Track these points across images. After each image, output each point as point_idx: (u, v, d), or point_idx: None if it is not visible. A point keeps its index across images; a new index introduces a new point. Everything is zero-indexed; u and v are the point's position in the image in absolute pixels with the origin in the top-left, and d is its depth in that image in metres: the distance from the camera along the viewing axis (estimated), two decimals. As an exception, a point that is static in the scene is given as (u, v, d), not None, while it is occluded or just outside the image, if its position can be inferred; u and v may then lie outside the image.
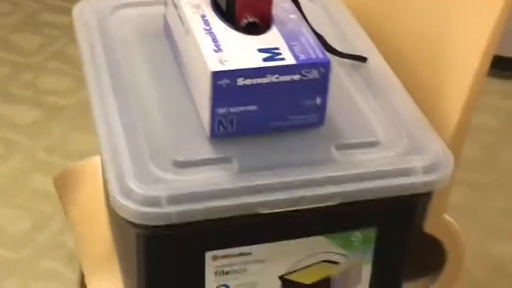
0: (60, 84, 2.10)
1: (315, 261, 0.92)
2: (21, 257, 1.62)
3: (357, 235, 0.91)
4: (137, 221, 0.81)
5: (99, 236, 1.15)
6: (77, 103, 2.03)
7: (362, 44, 1.05)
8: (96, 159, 1.22)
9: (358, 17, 1.11)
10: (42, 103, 2.03)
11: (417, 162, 0.87)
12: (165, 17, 1.03)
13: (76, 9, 1.07)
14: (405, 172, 0.87)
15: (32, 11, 2.39)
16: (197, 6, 0.93)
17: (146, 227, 0.82)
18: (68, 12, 2.32)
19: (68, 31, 2.28)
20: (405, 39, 1.09)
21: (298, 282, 0.93)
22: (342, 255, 0.92)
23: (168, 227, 0.82)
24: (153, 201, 0.80)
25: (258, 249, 0.89)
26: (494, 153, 1.92)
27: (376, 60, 1.03)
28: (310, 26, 0.97)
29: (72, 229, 1.19)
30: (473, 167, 1.87)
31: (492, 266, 1.62)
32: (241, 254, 0.89)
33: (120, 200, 0.81)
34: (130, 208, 0.80)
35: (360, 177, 0.85)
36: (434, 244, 1.06)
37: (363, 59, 1.01)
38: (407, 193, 0.87)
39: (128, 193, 0.81)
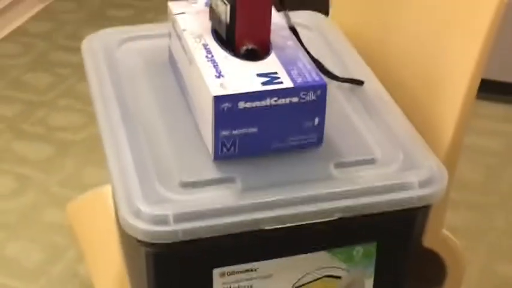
0: (71, 121, 2.15)
1: (318, 276, 0.95)
2: (36, 289, 1.66)
3: (358, 250, 0.95)
4: (146, 240, 0.85)
5: (112, 261, 1.19)
6: (88, 138, 2.08)
7: (359, 69, 1.10)
8: (107, 188, 1.26)
9: (355, 43, 1.16)
10: (54, 139, 2.08)
11: (413, 177, 0.91)
12: (169, 49, 1.08)
13: (85, 43, 1.13)
14: (402, 187, 0.91)
15: (42, 51, 2.45)
16: (199, 36, 0.98)
17: (155, 245, 0.86)
18: (78, 51, 2.38)
19: (78, 69, 2.34)
20: (399, 64, 1.14)
21: (303, 297, 0.96)
22: (344, 269, 0.96)
23: (176, 245, 0.86)
24: (161, 220, 0.84)
25: (263, 266, 0.92)
26: (497, 176, 1.96)
27: (372, 83, 1.07)
28: (307, 51, 1.02)
29: (85, 255, 1.23)
30: (477, 189, 1.91)
31: (498, 285, 1.65)
32: (247, 271, 0.92)
33: (129, 220, 0.85)
34: (139, 227, 0.85)
35: (359, 193, 0.89)
36: (435, 259, 1.10)
37: (359, 83, 1.06)
38: (405, 207, 0.91)
39: (136, 213, 0.85)
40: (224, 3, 0.94)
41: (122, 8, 2.68)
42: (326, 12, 1.25)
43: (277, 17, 1.02)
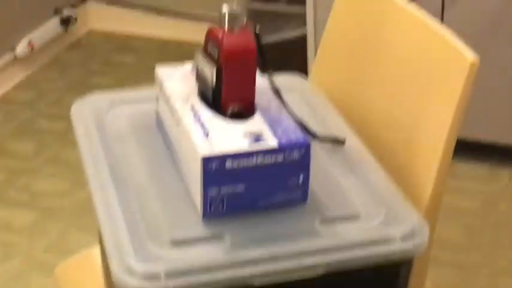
0: (56, 187, 2.17)
1: (306, 330, 0.97)
2: None
3: (344, 304, 0.97)
4: (138, 296, 0.87)
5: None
6: (72, 204, 2.10)
7: (339, 128, 1.14)
8: (95, 250, 1.28)
9: (334, 102, 1.20)
10: (38, 205, 2.09)
11: (395, 231, 0.94)
12: (156, 112, 1.11)
13: (74, 107, 1.16)
14: (384, 241, 0.93)
15: (26, 119, 2.48)
16: (186, 99, 1.02)
17: (147, 302, 0.88)
18: (62, 118, 2.43)
19: (62, 136, 2.37)
20: (378, 122, 1.18)
21: None
22: (331, 324, 0.98)
23: (167, 301, 0.88)
24: (153, 276, 0.87)
25: (252, 321, 0.94)
26: (478, 235, 1.99)
27: (353, 142, 1.11)
28: (290, 112, 1.06)
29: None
30: (459, 248, 1.94)
31: None
32: (236, 326, 0.94)
33: (122, 277, 0.87)
34: (131, 284, 0.87)
35: (344, 247, 0.92)
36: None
37: (341, 142, 1.10)
38: (388, 261, 0.94)
39: (128, 270, 0.87)
40: (210, 67, 0.98)
41: (102, 76, 2.72)
42: (304, 71, 1.29)
43: (260, 79, 1.06)
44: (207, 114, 0.98)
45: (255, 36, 0.99)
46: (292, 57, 2.30)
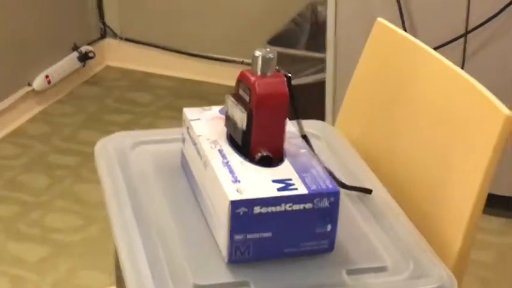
0: (67, 222, 2.15)
1: None
2: None
3: None
4: None
5: None
6: (83, 240, 2.08)
7: (366, 177, 1.12)
8: (111, 290, 1.26)
9: (359, 151, 1.19)
10: (49, 240, 2.07)
11: (423, 286, 0.92)
12: (182, 153, 1.10)
13: (98, 146, 1.15)
14: (412, 295, 0.92)
15: (39, 153, 2.47)
16: (215, 142, 1.00)
17: None
18: (75, 153, 2.41)
19: (75, 171, 2.36)
20: (405, 174, 1.16)
21: None
22: None
23: None
24: (176, 322, 0.85)
25: None
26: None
27: (379, 192, 1.09)
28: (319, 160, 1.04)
29: None
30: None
31: None
32: None
33: (144, 321, 0.85)
34: (153, 329, 0.85)
35: (370, 300, 0.90)
36: None
37: (368, 191, 1.08)
38: (415, 315, 0.92)
39: (151, 315, 0.86)
40: (241, 111, 0.97)
41: (119, 113, 2.72)
42: (320, 116, 1.28)
43: (289, 125, 1.05)
44: (235, 158, 0.97)
45: (286, 81, 0.98)
46: (308, 101, 2.30)
